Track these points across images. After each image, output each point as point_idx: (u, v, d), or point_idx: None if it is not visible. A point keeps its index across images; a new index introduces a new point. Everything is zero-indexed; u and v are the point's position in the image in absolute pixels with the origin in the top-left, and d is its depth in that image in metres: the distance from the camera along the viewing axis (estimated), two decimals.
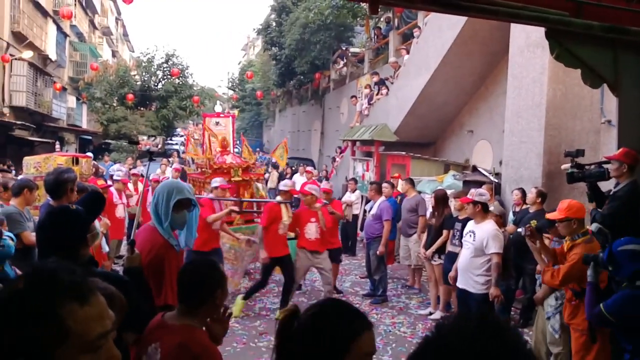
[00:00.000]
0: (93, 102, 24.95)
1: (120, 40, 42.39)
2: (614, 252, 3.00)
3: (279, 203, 6.28)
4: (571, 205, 3.74)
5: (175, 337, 1.93)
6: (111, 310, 1.53)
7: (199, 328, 2.02)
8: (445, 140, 11.75)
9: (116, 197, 7.38)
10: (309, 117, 21.99)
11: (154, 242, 2.73)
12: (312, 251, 6.18)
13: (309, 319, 1.29)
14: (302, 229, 6.24)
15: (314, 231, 6.20)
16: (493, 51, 9.07)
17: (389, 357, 5.18)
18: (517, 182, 6.51)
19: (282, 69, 21.66)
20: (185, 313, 2.03)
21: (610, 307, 2.91)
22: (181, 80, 25.95)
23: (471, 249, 4.81)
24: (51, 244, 2.35)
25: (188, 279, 2.07)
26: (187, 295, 2.04)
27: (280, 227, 6.13)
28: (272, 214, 6.16)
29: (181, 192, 2.87)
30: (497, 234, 4.74)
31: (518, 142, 6.79)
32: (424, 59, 10.40)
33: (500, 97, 8.74)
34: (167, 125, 26.37)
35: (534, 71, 6.52)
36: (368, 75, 15.29)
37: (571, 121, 6.28)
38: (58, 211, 2.65)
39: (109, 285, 1.65)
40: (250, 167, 8.14)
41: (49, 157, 8.54)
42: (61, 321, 0.93)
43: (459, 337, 0.79)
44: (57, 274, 0.98)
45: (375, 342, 1.33)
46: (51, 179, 3.74)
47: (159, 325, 2.04)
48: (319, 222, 6.20)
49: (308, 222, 6.21)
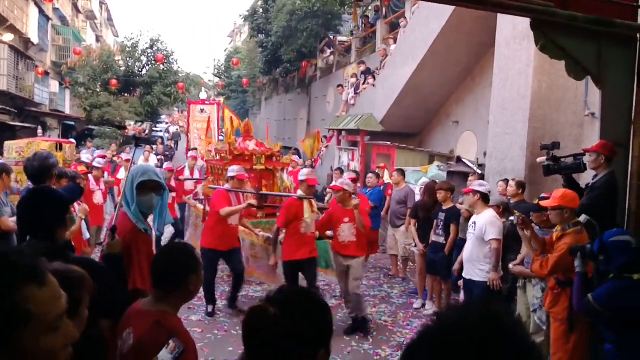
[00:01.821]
0: (76, 88, 24.48)
1: (104, 24, 41.55)
2: (605, 242, 3.02)
3: (299, 198, 5.44)
4: (565, 194, 3.76)
5: (147, 323, 1.94)
6: (81, 292, 1.50)
7: (173, 313, 2.02)
8: (430, 131, 11.78)
9: (93, 183, 7.32)
10: (295, 105, 21.87)
11: (122, 227, 2.73)
12: (346, 256, 5.45)
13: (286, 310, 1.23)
14: (336, 230, 5.53)
15: (347, 233, 5.42)
16: (479, 42, 9.06)
17: (369, 345, 5.21)
18: (500, 174, 6.55)
19: (268, 56, 21.46)
20: (159, 299, 2.04)
21: (599, 297, 2.94)
22: (166, 66, 25.55)
23: (473, 239, 4.88)
24: (30, 224, 2.33)
25: (162, 264, 2.07)
26: (161, 280, 2.05)
27: (303, 226, 5.34)
28: (290, 212, 5.34)
29: (145, 174, 2.86)
30: (495, 220, 4.82)
31: (502, 134, 6.82)
32: (411, 48, 10.37)
33: (486, 88, 8.76)
34: (151, 111, 26.00)
35: (519, 63, 6.53)
36: (355, 64, 15.22)
37: (555, 113, 6.32)
38: (39, 191, 2.62)
39: (74, 267, 1.62)
40: (275, 156, 7.45)
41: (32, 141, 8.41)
42: (21, 305, 0.93)
43: (459, 327, 0.77)
44: (11, 258, 0.96)
45: None
46: (36, 165, 3.69)
47: (135, 311, 2.06)
48: (355, 222, 5.39)
49: (342, 223, 5.45)
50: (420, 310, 6.36)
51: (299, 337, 1.18)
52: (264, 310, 1.22)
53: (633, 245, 2.96)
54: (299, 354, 1.19)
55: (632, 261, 2.91)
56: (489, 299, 1.01)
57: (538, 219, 4.45)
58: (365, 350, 5.10)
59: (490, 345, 0.73)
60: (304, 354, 1.20)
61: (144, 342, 1.87)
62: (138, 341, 1.88)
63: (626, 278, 2.91)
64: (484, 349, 0.73)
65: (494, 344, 0.74)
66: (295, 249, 5.31)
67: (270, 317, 1.20)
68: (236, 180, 5.87)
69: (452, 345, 0.75)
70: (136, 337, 1.92)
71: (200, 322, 5.64)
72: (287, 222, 5.33)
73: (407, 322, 5.94)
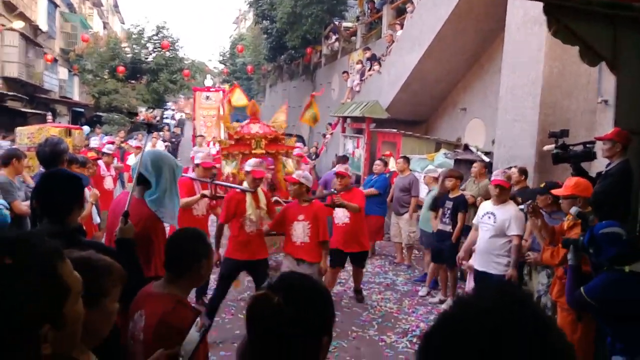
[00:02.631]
0: (84, 74, 24.58)
1: (110, 11, 41.44)
2: (595, 235, 2.98)
3: (242, 192, 4.86)
4: (578, 183, 3.70)
5: (158, 305, 1.97)
6: (111, 281, 1.48)
7: (182, 297, 2.05)
8: (437, 118, 11.67)
9: (104, 169, 7.42)
10: (300, 92, 21.77)
11: (139, 214, 2.71)
12: (298, 260, 4.95)
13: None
14: (288, 229, 4.97)
15: (301, 232, 4.89)
16: (488, 28, 8.92)
17: (374, 332, 5.22)
18: (509, 162, 6.48)
19: (273, 43, 21.32)
20: (170, 281, 2.07)
21: (591, 291, 2.89)
22: (172, 53, 25.53)
23: (491, 231, 4.65)
24: (44, 207, 2.34)
25: (174, 248, 2.12)
26: (172, 263, 2.09)
27: (246, 224, 4.78)
28: (230, 206, 4.77)
29: (178, 167, 2.95)
30: (520, 215, 4.59)
31: (512, 121, 6.74)
32: (418, 34, 10.23)
33: (495, 75, 8.65)
34: (157, 98, 26.04)
35: (530, 48, 6.42)
36: (360, 50, 15.08)
37: (567, 100, 6.23)
38: (53, 174, 2.62)
39: (105, 256, 1.61)
40: (279, 138, 6.84)
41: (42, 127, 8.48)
42: (62, 279, 1.02)
43: (476, 310, 0.76)
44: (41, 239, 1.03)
45: None
46: (47, 150, 3.76)
47: (146, 293, 2.09)
48: (310, 222, 4.88)
49: (295, 221, 4.92)
50: (425, 298, 6.36)
51: (302, 324, 1.18)
52: (267, 298, 1.21)
53: (623, 237, 2.90)
54: (302, 341, 1.19)
55: (622, 253, 2.84)
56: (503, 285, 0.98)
57: (543, 202, 4.39)
58: (370, 336, 5.11)
59: (509, 326, 0.72)
60: (307, 341, 1.20)
61: (171, 322, 1.88)
62: (161, 322, 1.89)
63: (618, 270, 2.85)
64: (502, 330, 0.72)
65: (512, 325, 0.73)
66: (237, 248, 4.76)
67: (273, 305, 1.19)
68: (201, 168, 5.48)
69: (469, 328, 0.74)
70: (153, 319, 1.93)
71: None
72: (228, 217, 4.78)
73: (412, 310, 5.94)
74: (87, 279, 1.37)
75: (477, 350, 0.71)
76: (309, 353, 1.21)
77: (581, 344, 3.63)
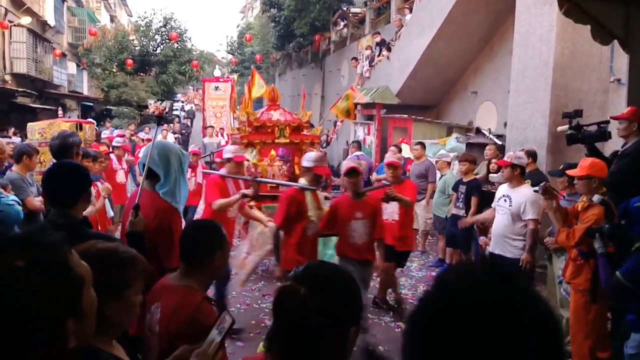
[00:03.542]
0: (93, 68, 24.66)
1: (117, 4, 41.42)
2: (630, 207, 2.96)
3: (302, 189, 4.19)
4: (594, 163, 3.66)
5: (173, 297, 1.97)
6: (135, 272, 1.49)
7: (197, 289, 2.04)
8: (448, 103, 11.58)
9: (116, 163, 7.49)
10: (309, 80, 21.68)
11: (157, 207, 2.70)
12: (361, 261, 4.27)
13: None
14: (343, 229, 4.29)
15: (361, 232, 4.25)
16: (499, 9, 8.79)
17: (390, 318, 5.25)
18: (521, 144, 6.42)
19: (281, 31, 21.19)
20: (185, 273, 2.07)
21: (627, 272, 2.88)
22: (180, 44, 25.49)
23: (507, 214, 4.54)
24: (49, 199, 2.36)
25: (189, 239, 2.11)
26: (187, 255, 2.08)
27: (310, 226, 4.14)
28: (291, 207, 4.08)
29: (185, 156, 2.92)
30: (536, 199, 4.41)
31: (523, 103, 6.67)
32: (428, 17, 10.12)
33: (505, 56, 8.54)
34: (166, 90, 26.08)
35: (541, 28, 6.32)
36: (369, 35, 14.95)
37: (579, 80, 6.14)
38: (57, 166, 2.66)
39: (131, 249, 1.62)
40: (303, 127, 6.27)
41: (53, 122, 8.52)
42: (74, 270, 1.02)
43: (463, 286, 0.75)
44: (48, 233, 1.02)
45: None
46: (57, 143, 3.82)
47: (162, 285, 2.10)
48: (368, 219, 4.27)
49: (352, 220, 4.25)
50: None
51: (329, 316, 1.18)
52: (293, 290, 1.21)
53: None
54: (330, 332, 1.19)
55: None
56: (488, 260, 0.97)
57: (561, 184, 4.35)
58: (386, 323, 5.15)
59: (498, 302, 0.72)
60: (335, 332, 1.19)
61: (200, 319, 1.85)
62: (193, 319, 1.87)
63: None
64: (491, 306, 0.71)
65: (501, 301, 0.72)
66: (297, 255, 4.04)
67: (300, 296, 1.19)
68: (233, 163, 4.69)
69: (456, 303, 0.73)
70: (168, 310, 1.94)
71: None
72: (287, 220, 4.08)
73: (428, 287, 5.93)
74: (111, 270, 1.40)
75: (469, 323, 0.70)
76: (336, 344, 1.20)
77: (595, 325, 3.63)
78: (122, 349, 1.48)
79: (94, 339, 1.22)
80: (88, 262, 1.09)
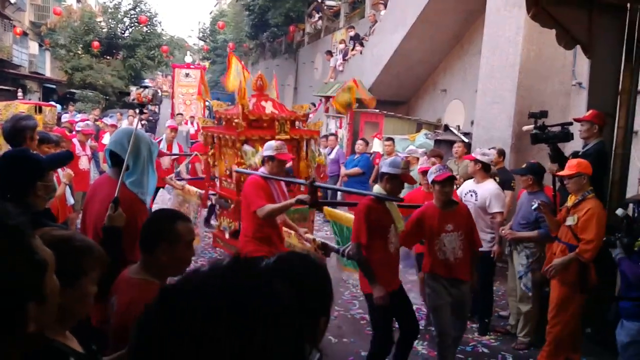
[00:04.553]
0: (57, 49, 23.79)
1: None
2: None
3: (377, 199, 3.54)
4: (580, 162, 3.84)
5: (130, 291, 1.90)
6: (90, 261, 1.46)
7: (154, 281, 1.95)
8: (418, 99, 11.75)
9: (79, 148, 7.09)
10: (283, 71, 21.56)
11: (122, 198, 2.57)
12: (451, 279, 3.66)
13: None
14: (433, 241, 3.66)
15: (453, 247, 3.62)
16: (470, 9, 8.96)
17: (356, 310, 5.31)
18: (487, 142, 6.59)
19: (255, 20, 20.98)
20: (144, 265, 2.00)
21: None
22: (149, 28, 24.90)
23: (474, 209, 4.62)
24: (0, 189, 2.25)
25: (143, 228, 2.04)
26: (141, 244, 2.00)
27: (391, 242, 3.51)
28: (371, 221, 3.43)
29: (154, 144, 2.81)
30: (500, 193, 4.71)
31: (490, 102, 6.84)
32: (401, 15, 10.21)
33: (474, 56, 8.71)
34: (134, 75, 25.44)
35: (509, 31, 6.48)
36: (344, 29, 14.98)
37: (543, 83, 6.33)
38: (9, 154, 2.54)
39: (87, 238, 1.59)
40: (300, 121, 5.71)
41: (9, 104, 8.15)
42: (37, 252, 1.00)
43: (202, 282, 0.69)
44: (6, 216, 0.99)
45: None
46: (9, 126, 3.58)
47: (121, 277, 2.03)
48: (462, 231, 3.64)
49: (442, 233, 3.62)
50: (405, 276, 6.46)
51: (300, 305, 1.19)
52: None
53: None
54: (300, 322, 1.20)
55: None
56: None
57: (524, 183, 4.51)
58: (352, 315, 5.20)
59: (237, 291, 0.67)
60: (304, 322, 1.21)
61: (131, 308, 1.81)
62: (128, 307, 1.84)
63: None
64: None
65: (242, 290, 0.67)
66: (381, 276, 3.42)
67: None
68: (277, 161, 3.96)
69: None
70: (124, 306, 1.88)
71: None
72: (369, 235, 3.41)
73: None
74: (66, 257, 1.37)
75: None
76: (306, 334, 1.23)
77: (576, 316, 3.83)
78: (75, 339, 1.45)
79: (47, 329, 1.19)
80: None
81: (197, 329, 0.64)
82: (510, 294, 4.80)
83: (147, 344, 0.66)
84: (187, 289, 0.69)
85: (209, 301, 0.66)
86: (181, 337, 0.64)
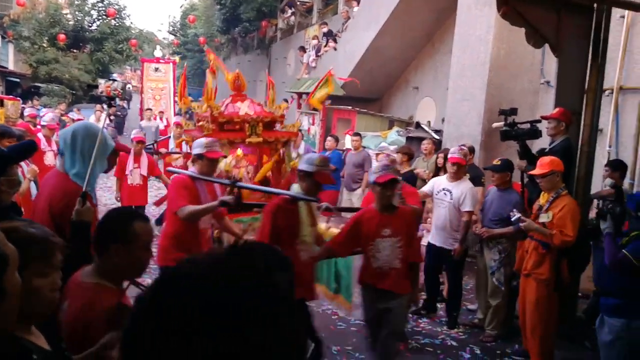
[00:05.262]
0: (20, 42, 22.95)
1: None
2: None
3: (293, 199, 3.32)
4: (552, 160, 3.88)
5: (82, 296, 1.81)
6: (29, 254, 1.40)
7: (109, 286, 1.86)
8: (391, 96, 11.82)
9: (44, 143, 6.83)
10: (255, 67, 21.38)
11: (66, 190, 2.50)
12: (386, 291, 3.36)
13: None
14: (366, 249, 3.41)
15: (388, 254, 3.33)
16: (441, 7, 9.05)
17: (327, 306, 5.31)
18: (457, 139, 6.68)
19: (226, 14, 20.71)
20: (96, 268, 1.90)
21: (635, 251, 3.04)
22: (117, 21, 24.27)
23: (448, 207, 4.66)
24: None
25: (96, 228, 1.94)
26: (94, 246, 1.91)
27: (302, 248, 3.27)
28: (277, 222, 3.23)
29: (109, 139, 2.73)
30: (475, 193, 4.69)
31: (460, 100, 6.93)
32: (374, 11, 10.25)
33: (446, 54, 8.81)
34: (102, 69, 24.79)
35: (480, 29, 6.58)
36: (317, 25, 14.95)
37: (512, 81, 6.46)
38: None
39: (44, 227, 1.52)
40: (277, 121, 5.29)
41: None
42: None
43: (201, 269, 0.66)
44: None
45: None
46: None
47: (73, 281, 1.90)
48: (401, 236, 3.33)
49: (377, 238, 3.34)
50: None
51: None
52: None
53: None
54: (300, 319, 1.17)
55: None
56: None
57: (498, 180, 4.54)
58: (323, 311, 5.20)
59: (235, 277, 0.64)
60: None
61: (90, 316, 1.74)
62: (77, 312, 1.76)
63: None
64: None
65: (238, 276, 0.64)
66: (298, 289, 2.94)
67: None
68: (206, 160, 3.67)
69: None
70: (73, 309, 1.79)
71: None
72: (275, 238, 3.15)
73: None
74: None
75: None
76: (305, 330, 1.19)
77: (553, 311, 3.88)
78: (42, 336, 1.40)
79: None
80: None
81: (190, 325, 0.60)
82: (479, 288, 4.88)
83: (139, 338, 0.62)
84: (181, 282, 0.64)
85: (204, 296, 0.61)
86: (172, 334, 0.60)
